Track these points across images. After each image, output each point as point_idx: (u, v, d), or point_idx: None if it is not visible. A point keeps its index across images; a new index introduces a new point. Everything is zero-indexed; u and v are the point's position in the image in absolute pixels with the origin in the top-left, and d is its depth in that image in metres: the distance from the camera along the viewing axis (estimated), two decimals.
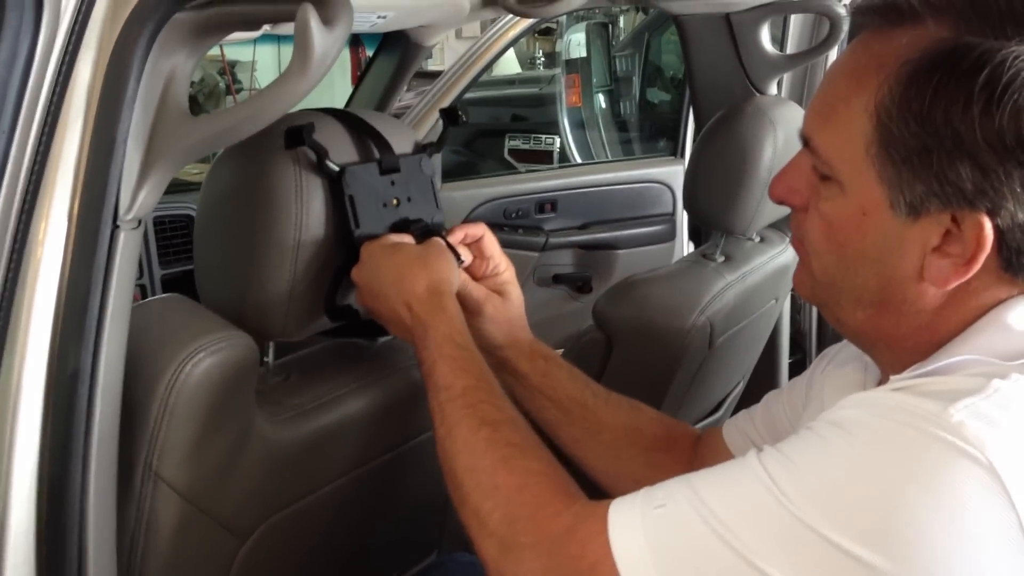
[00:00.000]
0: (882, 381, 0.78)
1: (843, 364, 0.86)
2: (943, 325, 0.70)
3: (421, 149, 1.05)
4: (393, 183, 0.99)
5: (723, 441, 1.03)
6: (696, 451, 1.07)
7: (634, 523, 0.68)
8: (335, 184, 0.93)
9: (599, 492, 0.76)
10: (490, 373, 0.88)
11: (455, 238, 1.03)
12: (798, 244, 0.79)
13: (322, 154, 0.91)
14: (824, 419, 0.66)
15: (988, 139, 0.62)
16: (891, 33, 0.68)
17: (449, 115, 1.10)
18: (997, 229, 0.65)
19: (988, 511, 0.58)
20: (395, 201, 1.00)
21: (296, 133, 0.89)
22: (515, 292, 1.08)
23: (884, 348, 0.74)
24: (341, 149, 0.95)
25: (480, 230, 1.05)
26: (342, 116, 0.99)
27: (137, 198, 0.78)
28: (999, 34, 0.63)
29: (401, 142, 1.02)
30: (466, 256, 1.04)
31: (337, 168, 0.93)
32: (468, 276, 1.04)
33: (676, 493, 0.68)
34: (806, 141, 0.74)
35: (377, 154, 0.98)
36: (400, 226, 0.99)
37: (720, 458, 1.00)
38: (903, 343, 0.72)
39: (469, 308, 1.02)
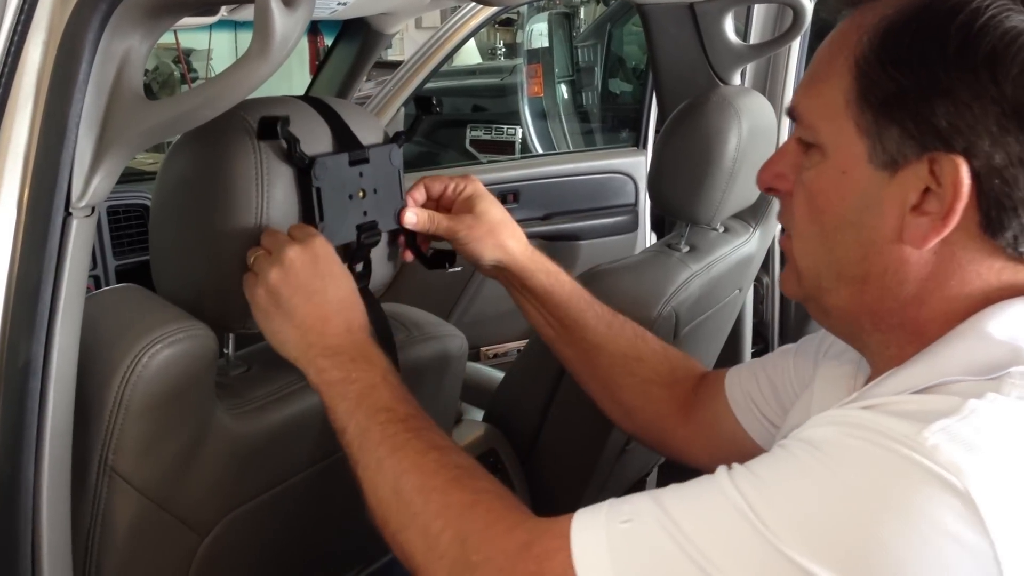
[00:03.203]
0: (871, 377, 0.77)
1: (838, 355, 0.84)
2: (927, 302, 0.69)
3: (392, 139, 1.03)
4: (361, 174, 0.98)
5: (724, 391, 1.02)
6: (696, 393, 1.06)
7: (598, 540, 0.66)
8: (303, 175, 0.91)
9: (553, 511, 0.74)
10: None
11: (414, 204, 1.04)
12: (785, 241, 0.78)
13: (294, 144, 0.89)
14: (796, 437, 0.65)
15: (963, 79, 0.63)
16: (874, 3, 0.70)
17: (423, 103, 1.07)
18: (975, 176, 0.64)
19: (963, 541, 0.56)
20: (361, 193, 0.98)
21: (271, 125, 0.87)
22: (485, 204, 1.06)
23: (872, 329, 0.73)
24: (312, 137, 0.93)
25: (419, 186, 1.07)
26: (314, 103, 0.97)
27: (90, 184, 0.76)
28: None
29: (370, 132, 1.00)
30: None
31: (307, 159, 0.90)
32: (432, 212, 1.05)
33: (643, 509, 0.66)
34: (792, 113, 0.74)
35: (348, 144, 0.96)
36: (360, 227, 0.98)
37: (717, 408, 1.01)
38: (888, 320, 0.71)
39: (447, 238, 1.05)
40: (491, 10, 2.44)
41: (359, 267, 1.00)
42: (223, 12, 1.35)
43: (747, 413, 1.00)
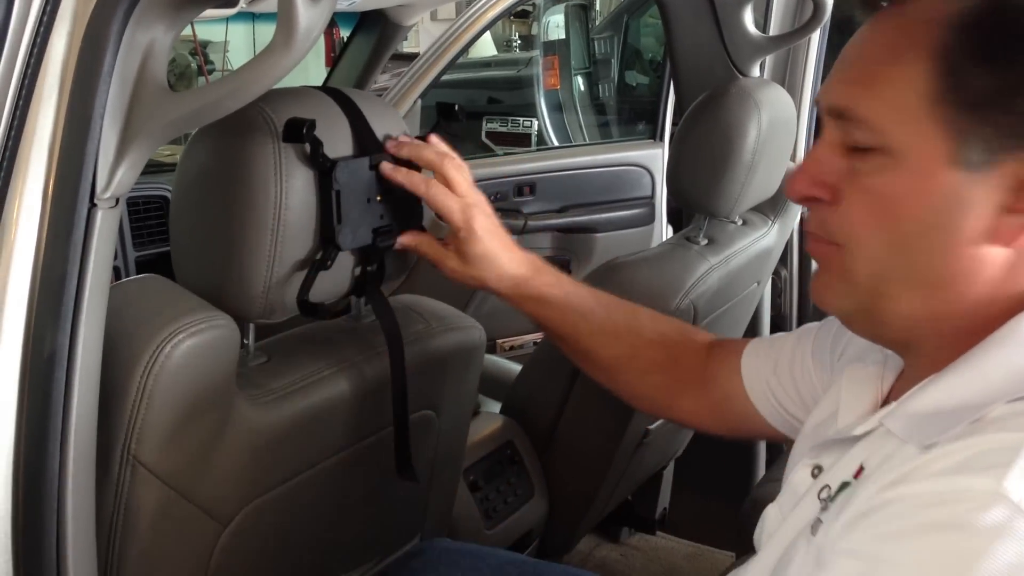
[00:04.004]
0: (905, 377, 0.75)
1: (862, 356, 0.82)
2: (996, 302, 0.66)
3: None
4: (381, 178, 0.98)
5: (739, 374, 1.03)
6: (707, 367, 1.08)
7: None
8: (324, 177, 0.91)
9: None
10: None
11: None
12: (822, 246, 0.73)
13: (317, 147, 0.89)
14: (870, 536, 0.61)
15: None
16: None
17: (445, 110, 1.07)
18: None
19: None
20: (379, 197, 0.98)
21: (297, 128, 0.87)
22: (479, 223, 1.04)
23: (930, 334, 0.70)
24: (334, 137, 0.93)
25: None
26: (338, 97, 0.97)
27: (115, 176, 0.76)
28: None
29: (394, 133, 1.00)
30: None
31: (329, 162, 0.91)
32: (419, 236, 1.04)
33: None
34: (839, 114, 0.70)
35: (369, 146, 0.96)
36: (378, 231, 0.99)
37: (731, 390, 1.04)
38: (953, 322, 0.68)
39: (437, 263, 1.06)
40: (507, 2, 2.44)
41: (372, 268, 1.01)
42: (242, 3, 1.36)
43: (765, 402, 1.01)
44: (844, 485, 0.70)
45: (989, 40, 0.63)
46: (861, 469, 0.70)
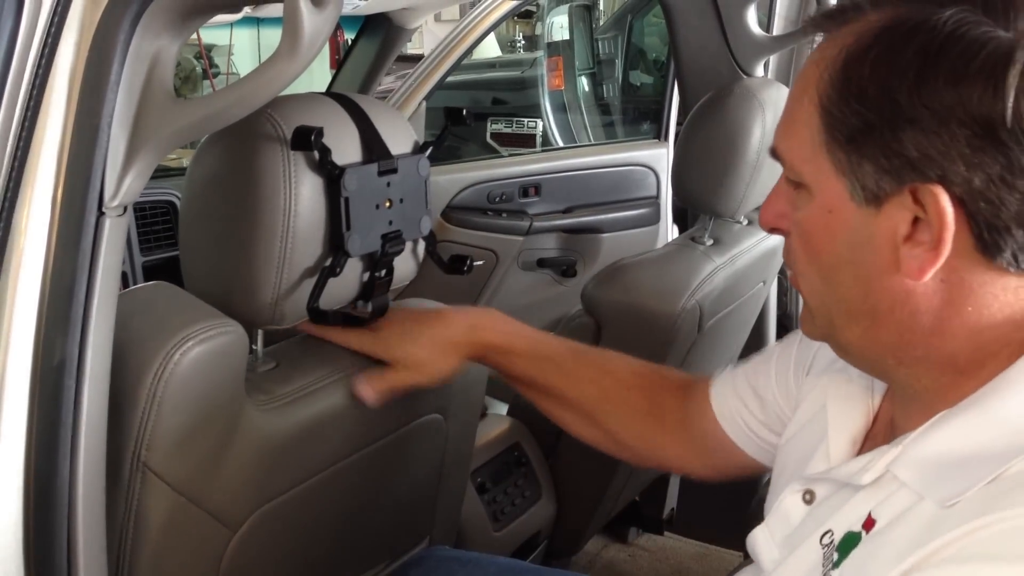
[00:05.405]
0: (891, 399, 0.75)
1: (845, 368, 0.80)
2: (949, 331, 0.65)
3: (420, 148, 1.03)
4: (389, 184, 0.98)
5: (711, 408, 1.01)
6: (684, 408, 1.05)
7: None
8: (332, 184, 0.92)
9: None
10: None
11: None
12: (795, 280, 0.75)
13: (325, 154, 0.90)
14: None
15: (926, 103, 0.59)
16: (836, 34, 0.67)
17: (453, 114, 1.08)
18: (957, 201, 0.60)
19: None
20: (388, 203, 0.99)
21: (305, 136, 0.87)
22: (392, 335, 1.06)
23: (896, 364, 0.69)
24: (342, 144, 0.93)
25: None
26: (346, 103, 0.97)
27: (123, 184, 0.77)
28: (936, 12, 0.62)
29: (401, 139, 1.01)
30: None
31: (338, 169, 0.91)
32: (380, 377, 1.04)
33: None
34: (774, 155, 0.72)
35: (377, 153, 0.97)
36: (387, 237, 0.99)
37: (706, 427, 1.01)
38: (912, 352, 0.67)
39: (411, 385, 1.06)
40: (511, 4, 2.44)
41: (381, 273, 1.01)
42: (247, 9, 1.36)
43: (740, 432, 0.98)
44: (852, 536, 0.68)
45: (856, 78, 0.63)
46: (871, 519, 0.67)
